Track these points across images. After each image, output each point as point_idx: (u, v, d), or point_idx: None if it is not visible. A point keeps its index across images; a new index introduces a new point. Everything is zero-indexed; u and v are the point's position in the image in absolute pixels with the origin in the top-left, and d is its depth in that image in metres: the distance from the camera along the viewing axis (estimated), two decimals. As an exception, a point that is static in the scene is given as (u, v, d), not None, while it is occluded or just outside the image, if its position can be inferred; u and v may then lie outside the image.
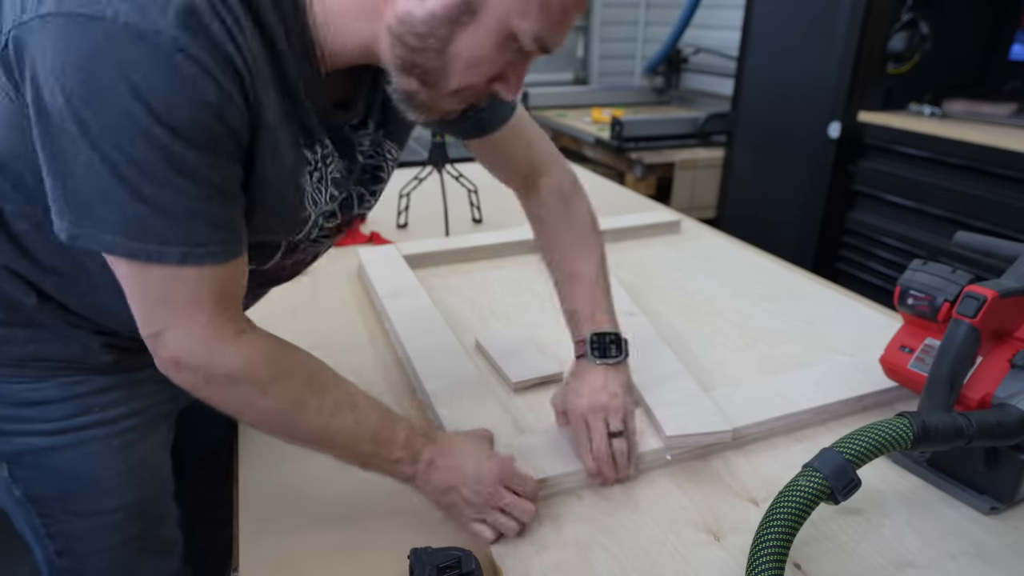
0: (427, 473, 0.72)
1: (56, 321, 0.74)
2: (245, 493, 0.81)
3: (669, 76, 4.37)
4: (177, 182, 0.56)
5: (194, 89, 0.53)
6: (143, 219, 0.56)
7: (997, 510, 0.76)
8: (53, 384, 0.76)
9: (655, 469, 0.83)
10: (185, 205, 0.57)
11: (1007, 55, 2.61)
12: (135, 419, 0.83)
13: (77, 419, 0.78)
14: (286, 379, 0.66)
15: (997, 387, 0.76)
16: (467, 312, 1.25)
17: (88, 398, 0.79)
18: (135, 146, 0.53)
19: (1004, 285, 0.76)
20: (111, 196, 0.55)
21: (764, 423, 0.88)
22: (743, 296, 1.31)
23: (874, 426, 0.65)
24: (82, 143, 0.53)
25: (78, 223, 0.56)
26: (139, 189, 0.55)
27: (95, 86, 0.52)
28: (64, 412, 0.77)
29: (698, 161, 3.39)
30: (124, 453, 0.82)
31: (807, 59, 2.65)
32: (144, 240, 0.57)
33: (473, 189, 1.75)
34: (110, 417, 0.80)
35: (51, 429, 0.77)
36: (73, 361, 0.77)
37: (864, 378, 0.96)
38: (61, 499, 0.81)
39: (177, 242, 0.58)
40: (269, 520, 0.77)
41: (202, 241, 0.59)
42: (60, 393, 0.77)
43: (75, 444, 0.79)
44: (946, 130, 2.28)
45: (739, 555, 0.70)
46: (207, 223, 0.59)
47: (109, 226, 0.56)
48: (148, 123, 0.53)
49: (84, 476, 0.81)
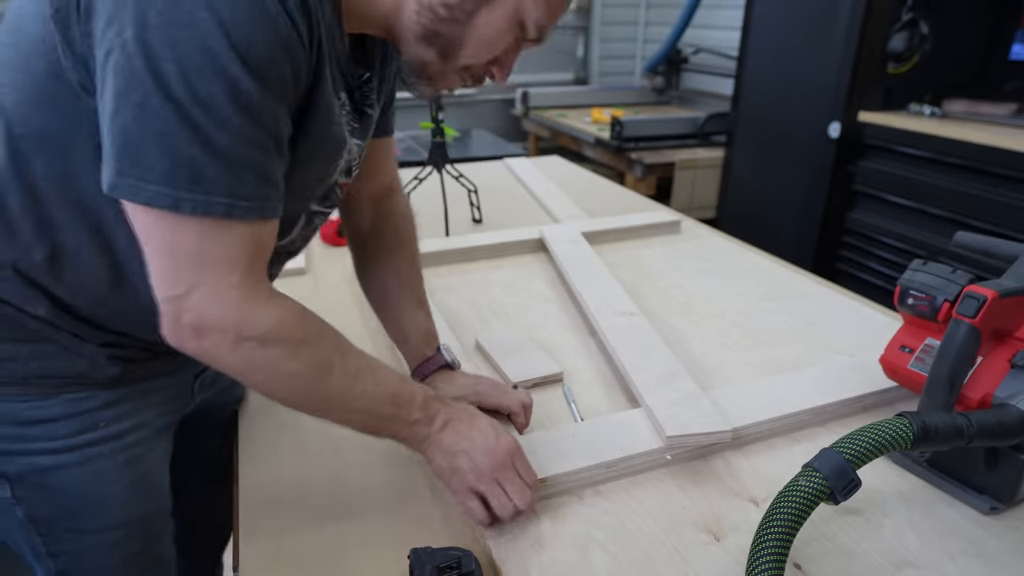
0: (440, 433, 0.72)
1: (63, 335, 0.72)
2: (245, 493, 0.81)
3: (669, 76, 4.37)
4: (238, 124, 0.55)
5: (275, 27, 0.54)
6: (195, 164, 0.54)
7: (997, 510, 0.76)
8: (58, 401, 0.74)
9: (655, 469, 0.83)
10: (240, 151, 0.56)
11: (1007, 55, 2.61)
12: (140, 432, 0.82)
13: (83, 436, 0.76)
14: (316, 341, 0.66)
15: (997, 387, 0.76)
16: (467, 312, 1.25)
17: (94, 414, 0.77)
18: (206, 80, 0.53)
19: (1004, 285, 0.76)
20: (168, 137, 0.53)
21: (764, 423, 0.88)
22: (743, 296, 1.31)
23: (874, 426, 0.65)
24: (148, 79, 0.52)
25: (122, 171, 0.55)
26: (200, 129, 0.54)
27: (176, 16, 0.51)
28: (70, 429, 0.75)
29: (698, 161, 3.39)
30: (130, 468, 0.81)
31: (807, 59, 2.66)
32: (192, 189, 0.55)
33: (473, 189, 1.75)
34: (116, 432, 0.79)
35: (57, 447, 0.75)
36: (79, 376, 0.75)
37: (864, 378, 0.96)
38: (65, 518, 0.79)
39: (224, 193, 0.56)
40: (269, 520, 0.77)
41: (248, 194, 0.58)
42: (66, 410, 0.75)
43: (81, 462, 0.77)
44: (946, 130, 2.28)
45: (739, 555, 0.70)
46: (257, 174, 0.58)
47: (155, 174, 0.54)
48: (226, 57, 0.52)
49: (90, 493, 0.79)
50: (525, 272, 1.44)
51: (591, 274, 1.32)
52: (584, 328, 1.19)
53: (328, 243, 1.57)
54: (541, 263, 1.49)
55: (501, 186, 2.09)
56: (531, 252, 1.54)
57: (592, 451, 0.81)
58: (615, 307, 1.18)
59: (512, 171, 2.24)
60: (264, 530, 0.75)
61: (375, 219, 0.95)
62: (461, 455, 0.72)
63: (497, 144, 3.57)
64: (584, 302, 1.21)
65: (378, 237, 0.94)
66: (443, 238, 1.59)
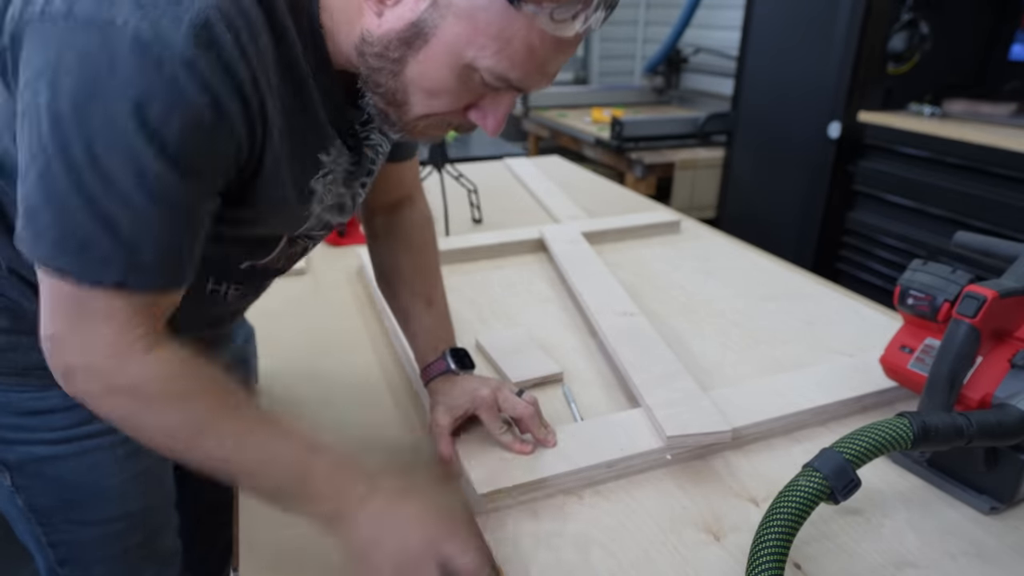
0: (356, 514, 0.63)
1: None
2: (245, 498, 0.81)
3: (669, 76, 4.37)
4: (141, 204, 0.53)
5: (192, 109, 0.52)
6: (88, 236, 0.53)
7: (997, 510, 0.76)
8: (57, 393, 0.71)
9: (655, 469, 0.83)
10: (141, 229, 0.54)
11: (1007, 55, 2.61)
12: None
13: (81, 428, 0.77)
14: (194, 398, 0.61)
15: (997, 387, 0.76)
16: (467, 312, 1.25)
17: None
18: (111, 156, 0.51)
19: (1004, 285, 0.76)
20: (63, 206, 0.52)
21: (764, 423, 0.88)
22: (743, 296, 1.31)
23: (874, 426, 0.65)
24: (53, 145, 0.51)
25: (24, 226, 0.54)
26: (96, 202, 0.52)
27: (87, 88, 0.50)
28: (68, 421, 0.76)
29: (698, 161, 3.39)
30: (129, 462, 0.81)
31: (807, 59, 2.66)
32: (80, 258, 0.54)
33: (473, 189, 1.75)
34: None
35: (55, 438, 0.76)
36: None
37: (864, 378, 0.96)
38: (64, 508, 0.80)
39: (117, 266, 0.54)
40: (269, 520, 0.76)
41: (146, 267, 0.56)
42: (64, 402, 0.74)
43: (79, 453, 0.78)
44: (946, 130, 2.28)
45: (739, 555, 0.70)
46: (159, 250, 0.56)
47: (47, 239, 0.53)
48: (134, 136, 0.51)
49: (88, 485, 0.79)
50: (525, 272, 1.44)
51: (591, 274, 1.32)
52: (584, 328, 1.19)
53: (328, 243, 1.57)
54: (541, 263, 1.49)
55: (501, 186, 2.09)
56: (531, 252, 1.54)
57: (592, 451, 0.81)
58: (615, 307, 1.18)
59: (512, 171, 2.24)
60: (264, 530, 0.75)
61: (387, 225, 0.95)
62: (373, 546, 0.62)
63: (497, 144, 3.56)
64: (584, 302, 1.21)
65: (390, 241, 0.95)
66: (443, 238, 1.59)
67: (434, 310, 0.93)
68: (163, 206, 0.54)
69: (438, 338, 0.91)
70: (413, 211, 0.96)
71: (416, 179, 0.98)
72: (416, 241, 0.95)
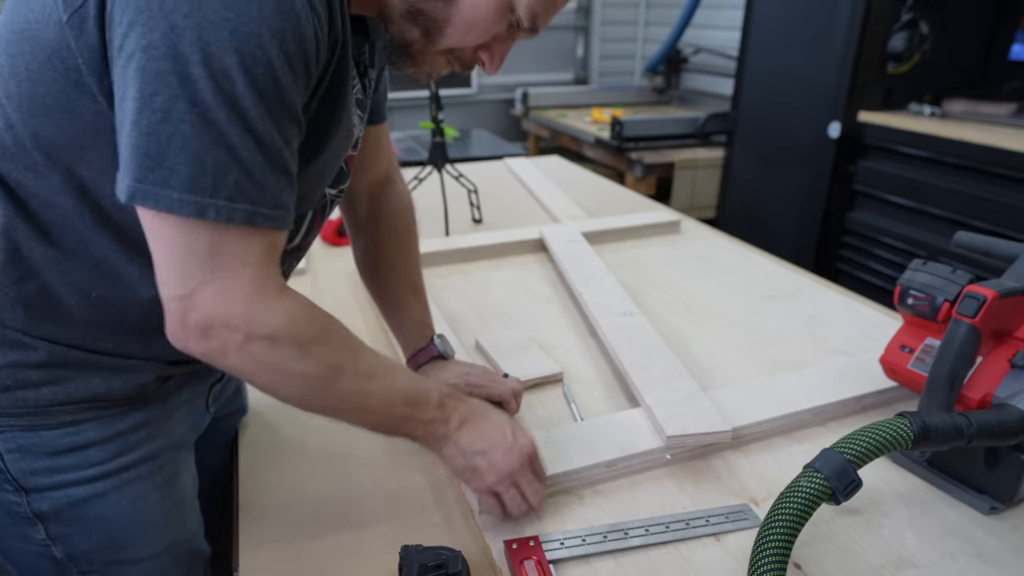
0: (457, 432, 0.71)
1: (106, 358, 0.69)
2: (245, 496, 0.81)
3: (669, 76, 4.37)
4: (263, 128, 0.54)
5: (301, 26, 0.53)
6: (219, 170, 0.53)
7: (997, 510, 0.76)
8: (93, 425, 0.70)
9: (655, 469, 0.83)
10: (264, 158, 0.55)
11: (1007, 55, 2.61)
12: (171, 452, 0.78)
13: (119, 459, 0.72)
14: (328, 340, 0.63)
15: (997, 387, 0.76)
16: (467, 312, 1.25)
17: (128, 435, 0.72)
18: (233, 83, 0.52)
19: (1004, 285, 0.76)
20: (192, 142, 0.52)
21: (764, 423, 0.88)
22: (743, 296, 1.31)
23: (874, 426, 0.65)
24: (174, 81, 0.50)
25: (142, 177, 0.52)
26: (224, 134, 0.52)
27: (203, 17, 0.50)
28: (106, 454, 0.71)
29: (698, 161, 3.39)
30: (168, 488, 0.77)
31: (807, 59, 2.66)
32: (215, 195, 0.53)
33: (473, 189, 1.75)
34: (150, 453, 0.74)
35: (93, 475, 0.71)
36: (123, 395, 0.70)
37: (864, 378, 0.96)
38: (108, 550, 0.74)
39: (246, 200, 0.55)
40: (269, 521, 0.77)
41: (268, 203, 0.56)
42: (101, 434, 0.70)
43: (119, 487, 0.72)
44: (946, 130, 2.28)
45: (739, 555, 0.70)
46: (278, 186, 0.57)
47: (178, 180, 0.52)
48: (254, 58, 0.51)
49: (131, 521, 0.74)
50: (525, 272, 1.44)
51: (591, 274, 1.33)
52: (584, 328, 1.19)
53: (328, 243, 1.57)
54: (541, 263, 1.49)
55: (501, 186, 2.09)
56: (531, 252, 1.54)
57: (592, 451, 0.81)
58: (615, 307, 1.18)
59: (512, 171, 2.24)
60: (264, 531, 0.75)
61: (372, 211, 0.95)
62: (478, 456, 0.71)
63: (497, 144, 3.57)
64: (584, 302, 1.21)
65: (374, 229, 0.95)
66: (443, 238, 1.59)
67: (420, 298, 0.96)
68: (281, 129, 0.56)
69: (424, 324, 0.94)
70: (394, 195, 0.96)
71: (392, 156, 0.98)
72: (401, 229, 0.96)
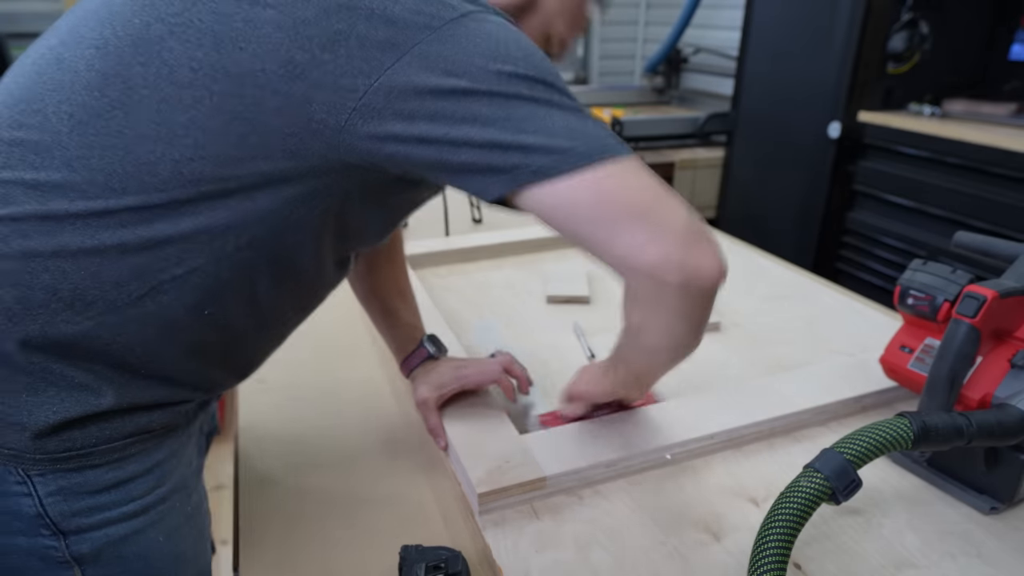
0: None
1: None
2: (245, 495, 0.81)
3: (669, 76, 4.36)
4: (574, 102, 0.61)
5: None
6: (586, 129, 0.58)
7: (997, 510, 0.76)
8: (136, 458, 0.66)
9: (655, 469, 0.83)
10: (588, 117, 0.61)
11: (1007, 55, 2.61)
12: (195, 478, 0.75)
13: (157, 491, 0.69)
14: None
15: (997, 387, 0.76)
16: (467, 312, 1.25)
17: (164, 465, 0.69)
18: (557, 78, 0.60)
19: (1004, 285, 0.76)
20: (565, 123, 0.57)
21: (764, 423, 0.88)
22: (743, 296, 1.31)
23: (874, 426, 0.65)
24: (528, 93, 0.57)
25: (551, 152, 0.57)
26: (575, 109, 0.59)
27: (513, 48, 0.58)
28: (146, 487, 0.67)
29: (698, 161, 3.39)
30: (195, 517, 0.75)
31: (807, 59, 2.65)
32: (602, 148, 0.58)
33: (473, 189, 1.75)
34: (180, 481, 0.72)
35: (135, 510, 0.67)
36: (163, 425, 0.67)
37: (864, 378, 0.96)
38: None
39: (614, 140, 0.59)
40: (269, 521, 0.77)
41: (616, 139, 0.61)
42: (143, 466, 0.67)
43: (157, 521, 0.69)
44: (946, 130, 2.28)
45: (739, 555, 0.70)
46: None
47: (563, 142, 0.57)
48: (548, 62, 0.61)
49: (167, 554, 0.71)
50: (525, 272, 1.44)
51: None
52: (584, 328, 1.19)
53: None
54: (541, 263, 1.49)
55: (501, 186, 2.09)
56: (531, 252, 1.54)
57: (592, 451, 0.81)
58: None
59: (512, 171, 2.23)
60: (264, 531, 0.75)
61: None
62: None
63: (497, 144, 3.56)
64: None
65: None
66: (443, 238, 1.59)
67: (408, 302, 0.97)
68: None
69: (413, 327, 0.95)
70: None
71: None
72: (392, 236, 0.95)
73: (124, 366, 0.62)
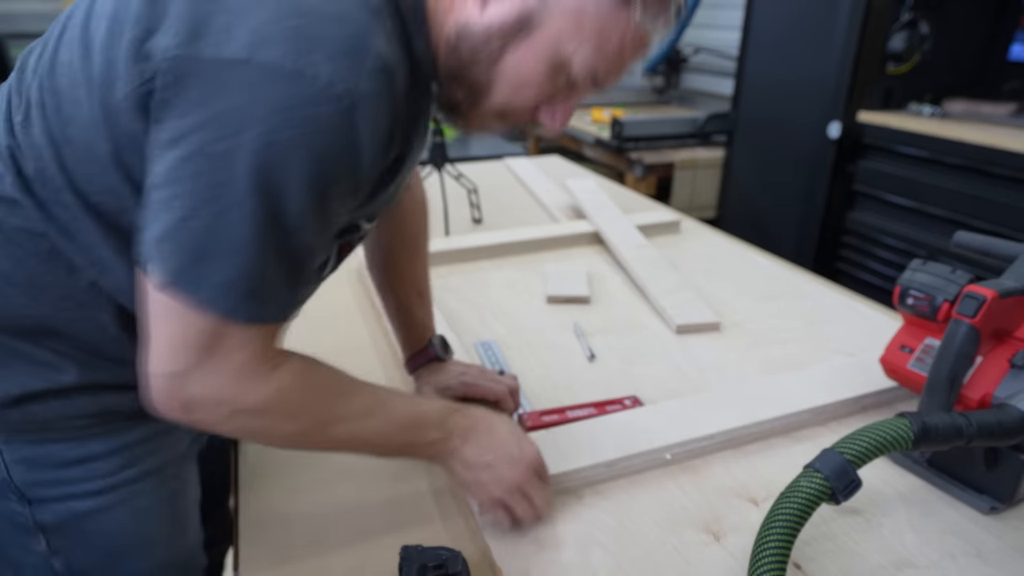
0: (462, 448, 0.71)
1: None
2: (245, 495, 0.81)
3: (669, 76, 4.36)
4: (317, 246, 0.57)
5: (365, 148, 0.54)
6: (262, 280, 0.54)
7: (997, 510, 0.76)
8: (99, 440, 0.69)
9: (655, 469, 0.83)
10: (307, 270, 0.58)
11: (1007, 55, 2.61)
12: (176, 464, 0.77)
13: (126, 472, 0.70)
14: (318, 398, 0.64)
15: (997, 387, 0.76)
16: (467, 312, 1.25)
17: (135, 448, 0.71)
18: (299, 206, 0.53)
19: (1004, 285, 0.76)
20: (239, 250, 0.52)
21: (764, 423, 0.88)
22: (743, 296, 1.31)
23: (874, 426, 0.65)
24: (234, 190, 0.51)
25: (184, 268, 0.53)
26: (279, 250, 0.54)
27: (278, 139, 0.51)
28: (111, 466, 0.69)
29: (698, 161, 3.39)
30: (172, 501, 0.76)
31: (807, 59, 2.65)
32: (249, 299, 0.54)
33: (473, 189, 1.75)
34: (155, 465, 0.73)
35: (99, 488, 0.69)
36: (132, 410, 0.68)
37: (864, 378, 0.96)
38: (108, 566, 0.73)
39: (265, 304, 0.56)
40: (268, 522, 0.77)
41: (292, 303, 0.59)
42: (106, 447, 0.69)
43: (124, 501, 0.71)
44: (946, 130, 2.28)
45: (739, 555, 0.70)
46: (307, 283, 0.59)
47: (216, 281, 0.53)
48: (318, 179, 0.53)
49: (134, 535, 0.73)
50: (525, 272, 1.43)
51: (610, 218, 1.63)
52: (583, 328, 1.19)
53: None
54: (541, 263, 1.48)
55: (501, 186, 2.09)
56: (531, 252, 1.54)
57: (592, 451, 0.81)
58: (631, 241, 1.50)
59: (512, 171, 2.24)
60: (264, 531, 0.75)
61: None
62: (484, 469, 0.71)
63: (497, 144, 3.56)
64: (607, 237, 1.52)
65: (385, 229, 0.94)
66: (443, 238, 1.59)
67: (424, 301, 0.97)
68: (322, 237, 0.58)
69: (426, 327, 0.96)
70: (407, 196, 0.95)
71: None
72: (409, 232, 0.95)
73: (87, 348, 0.65)
